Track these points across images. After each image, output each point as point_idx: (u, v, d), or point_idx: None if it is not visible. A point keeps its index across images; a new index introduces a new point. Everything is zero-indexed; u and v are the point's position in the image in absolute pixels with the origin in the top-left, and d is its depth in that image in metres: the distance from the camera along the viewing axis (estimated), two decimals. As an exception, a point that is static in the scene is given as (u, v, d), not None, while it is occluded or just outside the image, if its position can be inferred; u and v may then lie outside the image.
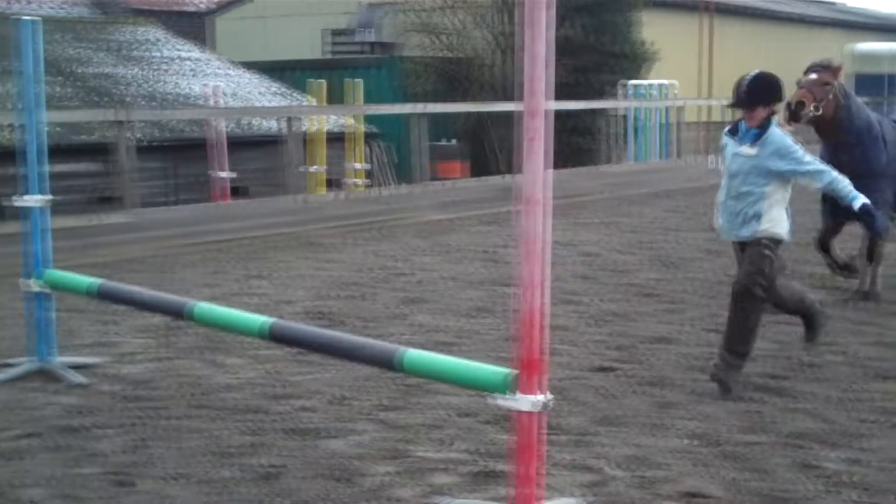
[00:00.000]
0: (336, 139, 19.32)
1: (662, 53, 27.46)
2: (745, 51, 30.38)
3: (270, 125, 18.92)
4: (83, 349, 7.07)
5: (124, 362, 6.77)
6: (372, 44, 29.27)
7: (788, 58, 23.16)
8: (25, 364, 6.50)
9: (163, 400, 5.95)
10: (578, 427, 5.43)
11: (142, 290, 6.53)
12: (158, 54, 22.38)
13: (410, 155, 17.43)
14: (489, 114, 23.37)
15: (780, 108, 6.68)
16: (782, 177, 6.12)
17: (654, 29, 27.43)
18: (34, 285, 6.49)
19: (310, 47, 29.55)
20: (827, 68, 8.09)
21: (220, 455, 5.06)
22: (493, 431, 5.28)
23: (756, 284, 6.03)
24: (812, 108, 7.86)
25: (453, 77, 27.11)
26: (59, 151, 13.92)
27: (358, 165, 19.36)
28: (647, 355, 6.87)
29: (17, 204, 6.49)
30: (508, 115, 18.64)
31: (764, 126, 6.10)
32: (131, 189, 12.94)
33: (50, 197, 6.50)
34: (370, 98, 21.17)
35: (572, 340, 7.21)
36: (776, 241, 6.16)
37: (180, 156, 18.08)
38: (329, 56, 29.65)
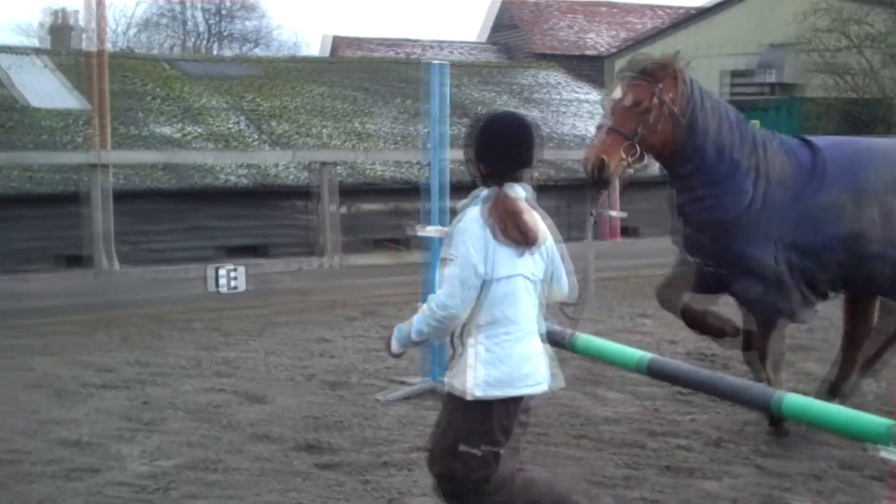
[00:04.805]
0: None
1: None
2: None
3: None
4: (473, 374, 7.45)
5: (509, 389, 7.07)
6: (772, 84, 28.56)
7: None
8: (419, 383, 6.98)
9: (545, 427, 6.17)
10: (976, 492, 5.05)
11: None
12: (558, 97, 23.07)
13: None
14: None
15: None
16: None
17: None
18: (431, 311, 6.92)
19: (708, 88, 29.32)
20: (643, 76, 5.36)
21: (595, 484, 5.17)
22: (878, 487, 5.03)
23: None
24: (622, 163, 5.35)
25: (857, 118, 25.84)
26: (463, 188, 14.73)
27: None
28: None
29: (419, 234, 6.97)
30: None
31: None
32: (525, 225, 13.43)
33: (448, 229, 6.90)
34: (768, 139, 20.65)
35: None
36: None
37: (574, 195, 18.51)
38: (727, 97, 29.26)
